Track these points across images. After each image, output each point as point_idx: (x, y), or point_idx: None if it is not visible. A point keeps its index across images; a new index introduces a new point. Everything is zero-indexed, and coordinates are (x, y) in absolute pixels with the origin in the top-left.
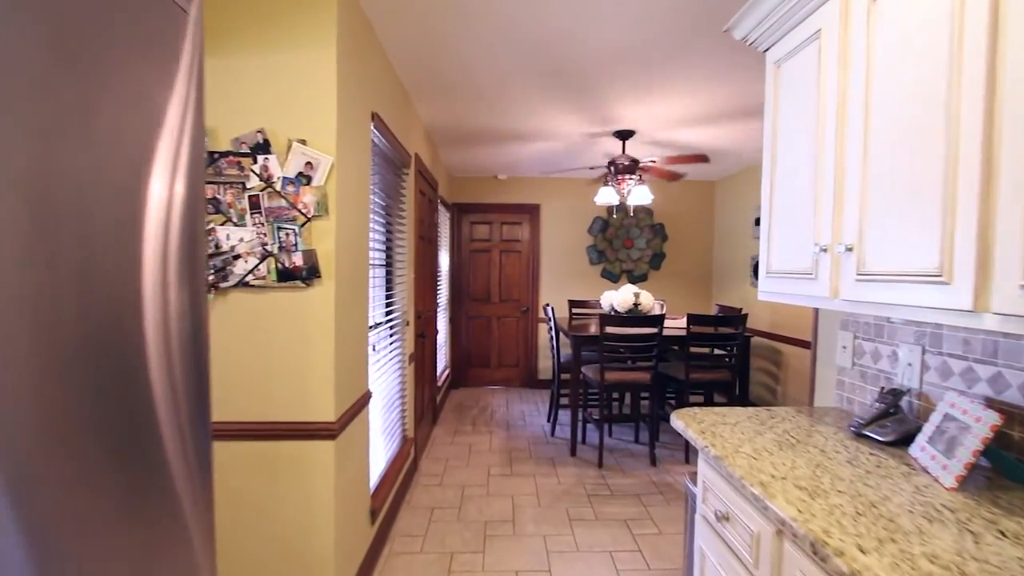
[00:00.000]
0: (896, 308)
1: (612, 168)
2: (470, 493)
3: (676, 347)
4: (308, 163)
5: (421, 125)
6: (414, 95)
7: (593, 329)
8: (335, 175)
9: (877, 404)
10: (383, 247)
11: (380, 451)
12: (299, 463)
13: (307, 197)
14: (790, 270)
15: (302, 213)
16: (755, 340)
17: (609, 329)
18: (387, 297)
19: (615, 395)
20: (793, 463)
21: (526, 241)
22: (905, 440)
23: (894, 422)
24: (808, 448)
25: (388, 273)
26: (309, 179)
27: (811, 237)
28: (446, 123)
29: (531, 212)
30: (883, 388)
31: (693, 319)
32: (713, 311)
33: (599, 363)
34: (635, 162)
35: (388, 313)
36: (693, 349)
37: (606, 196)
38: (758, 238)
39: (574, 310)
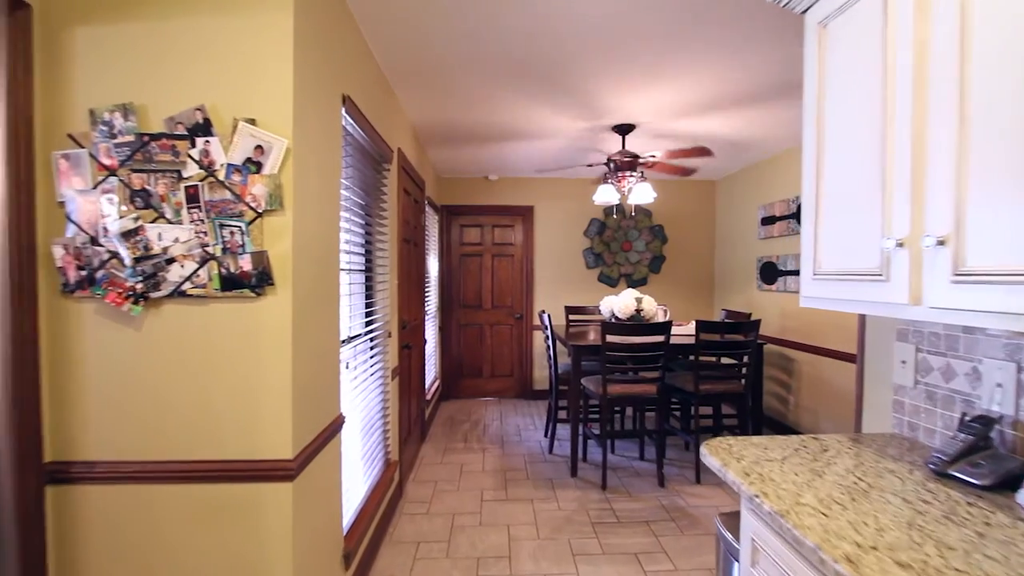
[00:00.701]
0: (1020, 319)
1: (611, 165)
2: (461, 523)
3: (680, 356)
4: (258, 147)
5: (407, 121)
6: (396, 85)
7: (593, 337)
8: (291, 162)
9: (961, 435)
10: (362, 250)
11: (358, 480)
12: (249, 510)
13: (256, 188)
14: (848, 271)
15: (251, 207)
16: (765, 347)
17: (611, 338)
18: (367, 306)
19: (616, 408)
20: (877, 522)
21: (519, 245)
22: (1006, 483)
23: (988, 459)
24: (886, 496)
25: (368, 279)
26: (259, 166)
27: (878, 229)
28: (432, 119)
29: (524, 214)
30: (964, 415)
31: (703, 326)
32: (718, 316)
33: (601, 375)
34: (635, 158)
35: (368, 324)
36: (702, 358)
37: (605, 195)
38: (765, 238)
39: (571, 317)
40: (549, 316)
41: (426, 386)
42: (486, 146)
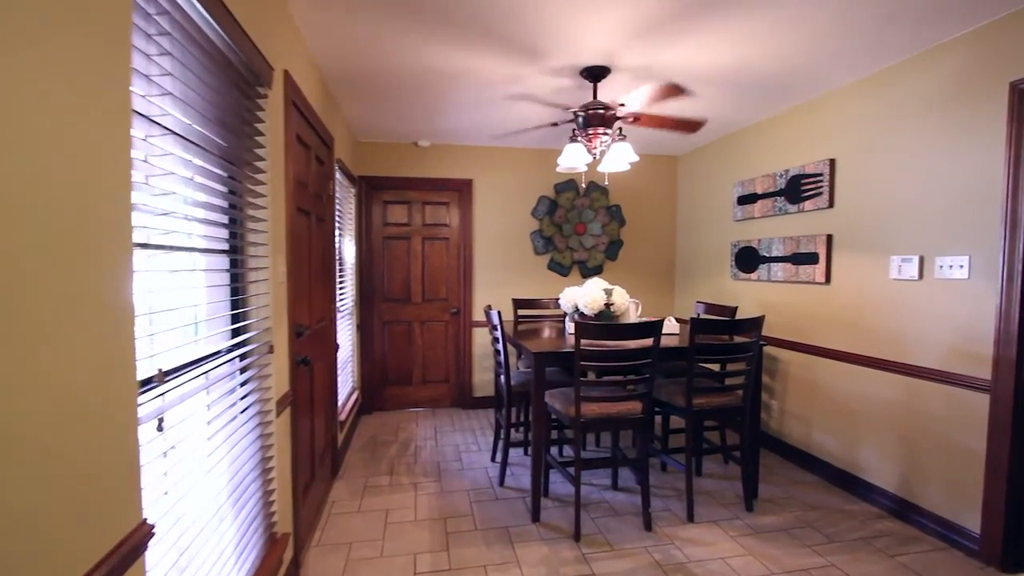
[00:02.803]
0: None
1: (580, 120)
2: None
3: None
4: None
5: (304, 48)
6: None
7: (549, 335)
8: None
9: None
10: (223, 220)
11: None
12: None
13: None
14: None
15: None
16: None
17: (588, 343)
18: (233, 307)
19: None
20: None
21: (455, 226)
22: None
23: None
24: None
25: (235, 265)
26: None
27: None
28: (340, 54)
29: (461, 189)
30: None
31: (699, 325)
32: (694, 310)
33: (570, 388)
34: (608, 110)
35: (235, 334)
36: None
37: (572, 157)
38: (743, 220)
39: (520, 312)
40: (499, 315)
41: (340, 403)
42: (416, 97)
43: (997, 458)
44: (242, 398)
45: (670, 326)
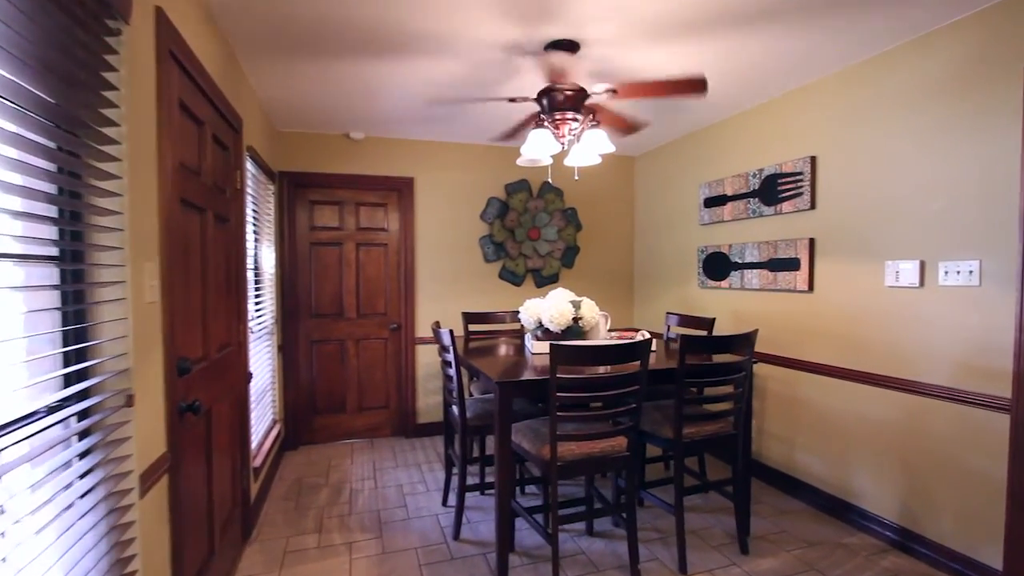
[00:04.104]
0: None
1: (545, 102)
2: None
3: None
4: None
5: None
6: None
7: (506, 353)
8: None
9: None
10: (48, 212)
11: None
12: None
13: None
14: None
15: None
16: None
17: (566, 371)
18: (66, 342)
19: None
20: None
21: (395, 231)
22: None
23: None
24: None
25: (71, 279)
26: None
27: None
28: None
29: (401, 189)
30: None
31: (691, 344)
32: (664, 322)
33: (541, 421)
34: (581, 92)
35: (71, 382)
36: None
37: (537, 146)
38: (710, 224)
39: (472, 327)
40: (451, 334)
41: (255, 444)
42: (343, 70)
43: (1021, 485)
44: (82, 477)
45: (643, 341)
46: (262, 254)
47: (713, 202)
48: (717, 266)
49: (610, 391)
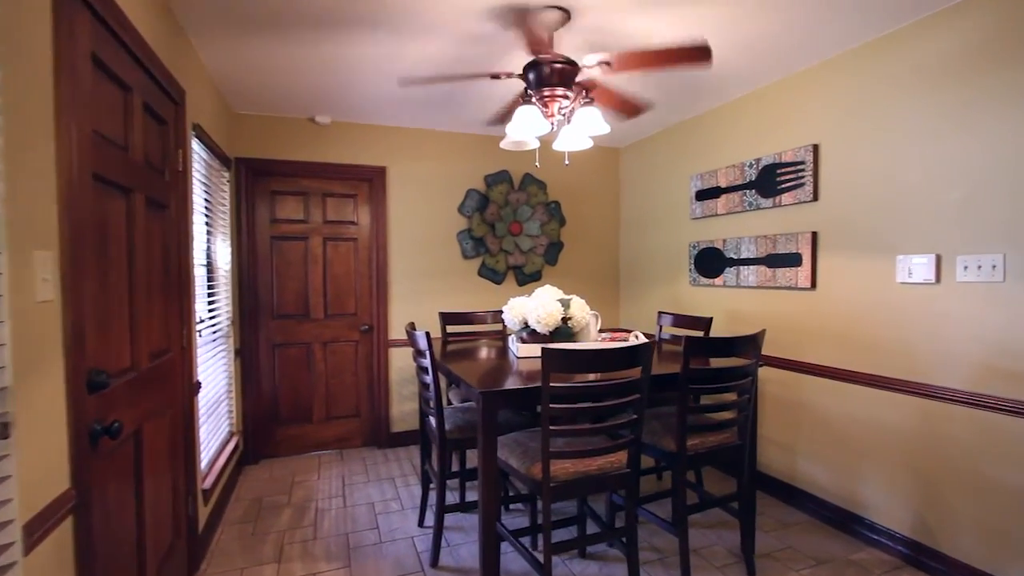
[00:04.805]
0: None
1: (533, 77)
2: None
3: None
4: None
5: None
6: None
7: (490, 357)
8: None
9: None
10: None
11: None
12: None
13: None
14: None
15: None
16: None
17: (559, 379)
18: None
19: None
20: None
21: (365, 225)
22: None
23: None
24: None
25: None
26: None
27: None
28: None
29: (372, 179)
30: None
31: (695, 347)
32: (656, 322)
33: (529, 434)
34: (572, 65)
35: None
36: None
37: (523, 126)
38: (702, 217)
39: (449, 328)
40: (428, 336)
41: (207, 462)
42: (306, 43)
43: None
44: None
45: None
46: (216, 248)
47: (705, 195)
48: (710, 262)
49: (610, 400)
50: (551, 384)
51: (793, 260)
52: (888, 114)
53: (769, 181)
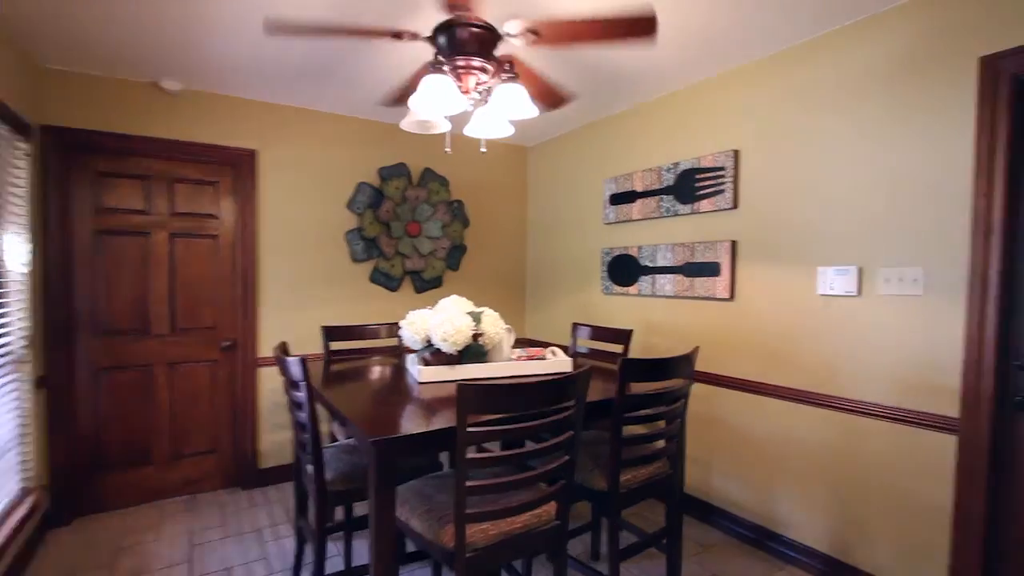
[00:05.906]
0: None
1: (444, 41)
2: None
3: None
4: None
5: None
6: None
7: (377, 379)
8: None
9: None
10: None
11: None
12: None
13: None
14: None
15: None
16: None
17: (483, 420)
18: None
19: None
20: None
21: (229, 219)
22: None
23: None
24: None
25: None
26: None
27: None
28: None
29: (239, 164)
30: None
31: (631, 368)
32: (574, 334)
33: (433, 483)
34: (493, 32)
35: None
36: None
37: (434, 96)
38: (616, 223)
39: (334, 344)
40: (303, 363)
41: None
42: None
43: (969, 515)
44: None
45: (559, 363)
46: (1, 245)
47: (620, 199)
48: (624, 270)
49: (545, 441)
50: (468, 429)
51: (711, 269)
52: (811, 122)
53: (688, 186)
